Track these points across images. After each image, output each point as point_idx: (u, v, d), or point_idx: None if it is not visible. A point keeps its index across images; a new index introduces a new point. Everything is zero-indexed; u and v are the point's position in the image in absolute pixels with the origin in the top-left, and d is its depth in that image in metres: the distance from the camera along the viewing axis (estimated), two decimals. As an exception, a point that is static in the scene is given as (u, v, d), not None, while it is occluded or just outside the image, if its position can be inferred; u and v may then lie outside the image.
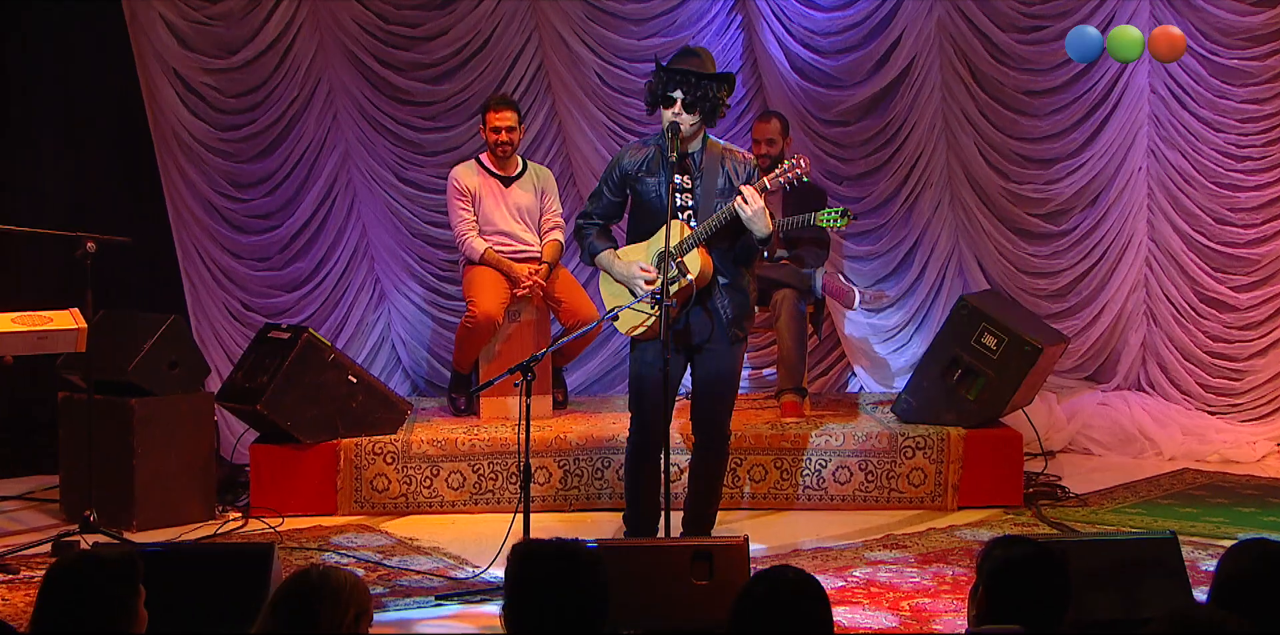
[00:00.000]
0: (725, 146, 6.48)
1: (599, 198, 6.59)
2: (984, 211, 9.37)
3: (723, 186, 6.36)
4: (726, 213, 6.21)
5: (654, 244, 6.37)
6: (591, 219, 6.61)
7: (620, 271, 6.46)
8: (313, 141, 9.08)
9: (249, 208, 9.09)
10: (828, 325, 9.34)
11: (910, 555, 6.80)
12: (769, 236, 6.23)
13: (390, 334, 9.38)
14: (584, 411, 8.50)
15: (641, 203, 6.46)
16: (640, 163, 6.43)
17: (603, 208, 6.60)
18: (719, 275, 6.35)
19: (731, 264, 6.40)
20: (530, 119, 9.09)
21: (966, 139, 9.30)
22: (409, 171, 9.22)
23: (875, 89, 9.32)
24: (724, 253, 6.38)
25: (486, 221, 8.33)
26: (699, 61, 6.33)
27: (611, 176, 6.52)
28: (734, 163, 6.42)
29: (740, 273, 6.44)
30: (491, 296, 8.12)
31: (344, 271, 9.22)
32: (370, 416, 7.80)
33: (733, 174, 6.39)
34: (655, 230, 6.36)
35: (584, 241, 6.61)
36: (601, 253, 6.54)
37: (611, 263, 6.50)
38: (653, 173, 6.39)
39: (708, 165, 6.39)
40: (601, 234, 6.61)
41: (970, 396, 7.79)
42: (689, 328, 6.38)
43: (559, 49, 9.19)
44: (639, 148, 6.50)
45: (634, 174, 6.44)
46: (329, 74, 9.06)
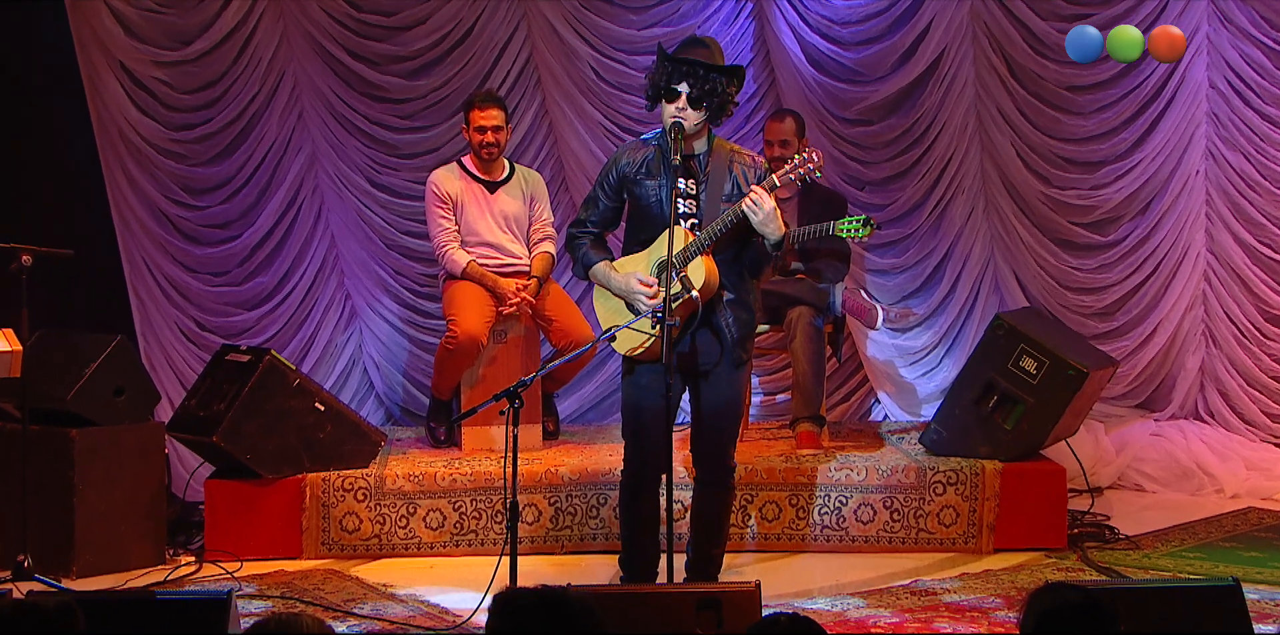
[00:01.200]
0: (733, 148, 6.46)
1: (594, 203, 6.57)
2: (1022, 220, 9.36)
3: (730, 192, 6.34)
4: (733, 215, 6.18)
5: (654, 253, 6.35)
6: (585, 227, 6.59)
7: (618, 285, 6.44)
8: (276, 142, 9.08)
9: (204, 216, 9.08)
10: (848, 346, 9.31)
11: (941, 603, 6.77)
12: (782, 240, 6.21)
13: (362, 356, 9.36)
14: (577, 442, 8.48)
15: (640, 208, 6.44)
16: (639, 164, 6.41)
17: (598, 215, 6.57)
18: (724, 289, 6.33)
19: (737, 276, 6.38)
20: (518, 118, 9.08)
21: (1003, 139, 9.29)
22: (383, 176, 9.22)
23: (901, 84, 9.31)
24: (729, 263, 6.35)
25: (469, 231, 8.32)
26: (708, 52, 6.31)
27: (607, 179, 6.51)
28: (743, 166, 6.40)
29: (746, 286, 6.43)
30: (475, 315, 8.10)
31: (310, 287, 9.21)
32: (339, 448, 7.77)
33: (741, 179, 6.37)
34: (655, 238, 6.35)
35: (577, 253, 6.58)
36: (597, 265, 6.52)
37: (608, 276, 6.48)
38: (653, 175, 6.37)
39: (714, 168, 6.37)
40: (596, 244, 6.58)
41: (1007, 426, 7.77)
42: (694, 349, 6.36)
43: (550, 40, 9.19)
44: (637, 147, 6.48)
45: (632, 176, 6.42)
46: (294, 67, 9.06)
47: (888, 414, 9.48)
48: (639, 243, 6.47)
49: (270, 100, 9.04)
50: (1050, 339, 7.89)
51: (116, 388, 7.52)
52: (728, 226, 6.21)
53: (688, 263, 6.24)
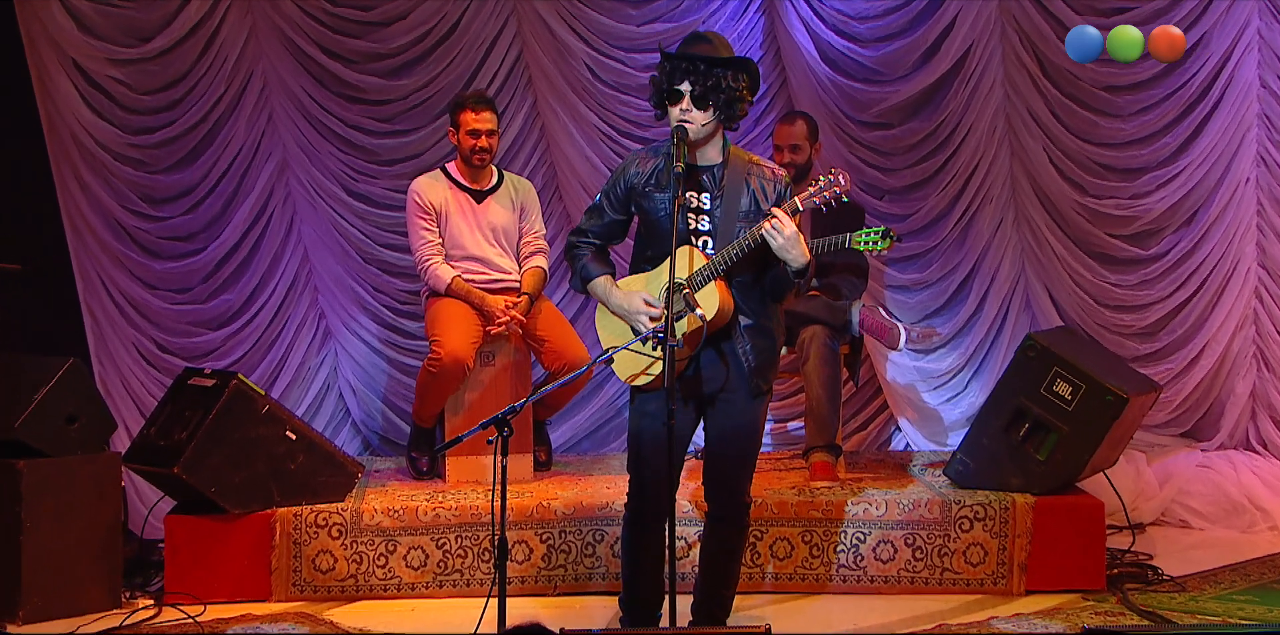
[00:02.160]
0: (752, 159, 6.43)
1: (598, 213, 6.52)
2: (1056, 232, 9.36)
3: (747, 208, 6.30)
4: (750, 239, 6.15)
5: (664, 273, 6.27)
6: (587, 237, 6.55)
7: (619, 303, 6.40)
8: (243, 148, 9.08)
9: (165, 228, 9.08)
10: (866, 369, 9.32)
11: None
12: (806, 267, 6.18)
13: (337, 380, 9.36)
14: (572, 474, 8.47)
15: (651, 224, 6.39)
16: (649, 175, 6.36)
17: (601, 226, 6.52)
18: (740, 314, 6.30)
19: (757, 301, 6.35)
20: (507, 120, 9.09)
21: (1034, 144, 9.29)
22: (360, 184, 9.22)
23: (923, 84, 9.33)
24: (748, 287, 6.32)
25: (454, 244, 8.32)
26: (710, 47, 6.28)
27: (615, 190, 6.46)
28: (762, 180, 6.35)
29: (767, 312, 6.39)
30: (460, 335, 8.10)
31: (281, 305, 9.21)
32: (313, 480, 7.76)
33: (759, 194, 6.32)
34: (662, 257, 6.29)
35: (576, 263, 6.54)
36: (597, 279, 6.48)
37: (609, 292, 6.44)
38: (663, 187, 6.32)
39: (730, 181, 6.31)
40: (598, 256, 6.54)
41: (1040, 456, 7.76)
42: (700, 375, 6.34)
43: (542, 36, 9.20)
44: (647, 157, 6.43)
45: (641, 188, 6.37)
46: (263, 66, 9.06)
47: (909, 443, 9.47)
48: (647, 260, 6.43)
49: (237, 102, 9.04)
50: (1087, 361, 7.87)
51: (68, 415, 7.50)
52: (744, 251, 6.16)
53: (699, 287, 6.20)
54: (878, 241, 6.67)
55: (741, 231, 6.22)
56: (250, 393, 7.72)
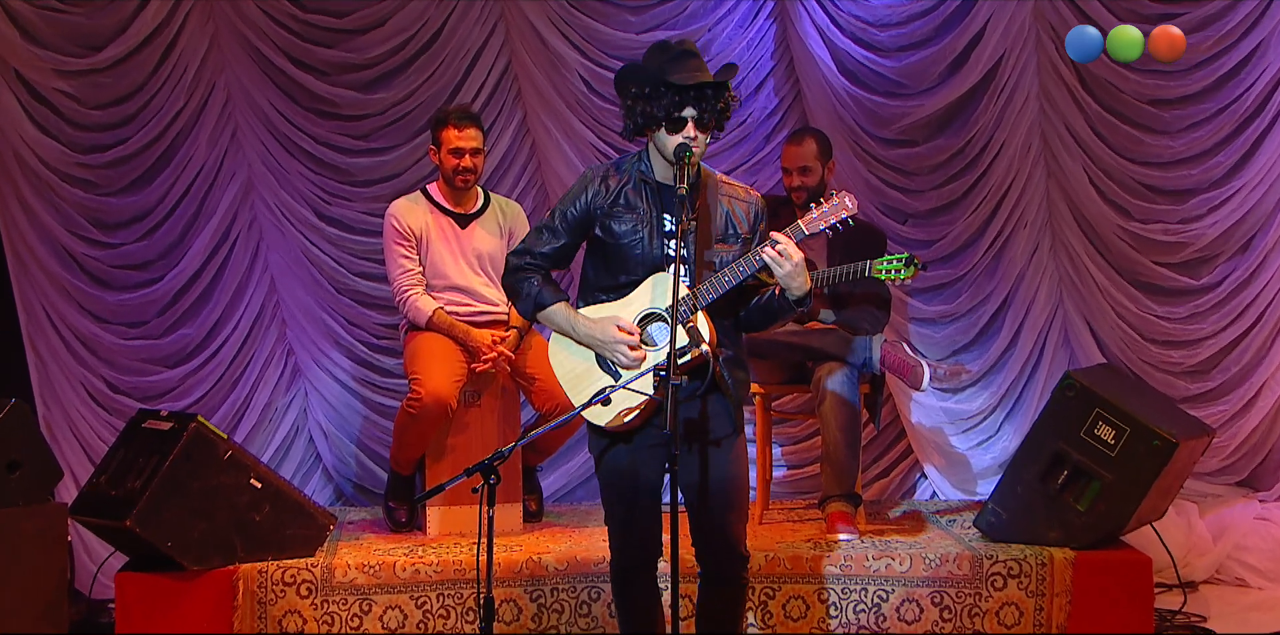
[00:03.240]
0: (723, 179, 6.42)
1: (547, 234, 6.39)
2: (1096, 260, 9.37)
3: (724, 232, 6.28)
4: (748, 264, 6.14)
5: (634, 304, 6.25)
6: (534, 258, 6.45)
7: (587, 332, 6.31)
8: (204, 167, 9.10)
9: (118, 255, 9.09)
10: (888, 411, 9.33)
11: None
12: (807, 295, 6.17)
13: (307, 423, 9.36)
14: (565, 525, 8.47)
15: (611, 247, 6.30)
16: (614, 194, 6.32)
17: (552, 248, 6.43)
18: (720, 346, 6.28)
19: (732, 330, 6.34)
20: (494, 137, 9.12)
21: (1073, 163, 9.31)
22: (333, 207, 9.24)
23: (950, 98, 9.35)
24: (722, 317, 6.27)
25: (436, 273, 8.33)
26: (701, 63, 6.26)
27: (573, 208, 6.37)
28: (735, 200, 6.35)
29: (741, 342, 6.40)
30: (443, 373, 8.10)
31: (245, 340, 9.22)
32: (279, 533, 7.74)
33: (735, 216, 6.31)
34: (632, 285, 6.26)
35: (524, 287, 6.41)
36: (554, 305, 6.38)
37: (572, 321, 6.34)
38: (632, 208, 6.27)
39: (705, 202, 6.31)
40: (548, 281, 6.45)
41: (1081, 507, 7.75)
42: (707, 414, 6.30)
43: (532, 45, 9.23)
44: (610, 174, 6.36)
45: (605, 208, 6.30)
46: (226, 78, 9.09)
47: (936, 491, 9.47)
48: (606, 290, 6.33)
49: (198, 117, 9.07)
50: (1132, 402, 7.86)
51: (9, 462, 7.48)
52: (739, 277, 6.15)
53: (685, 316, 6.15)
54: (900, 270, 6.68)
55: (720, 259, 6.21)
56: (211, 437, 7.70)
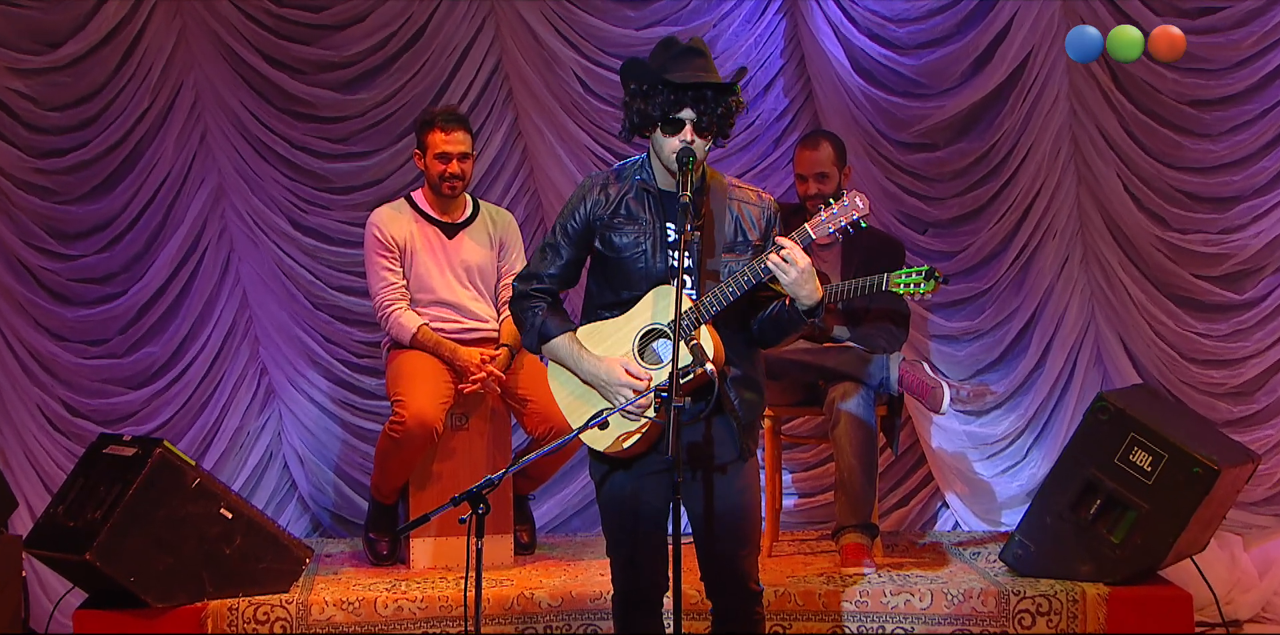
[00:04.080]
0: (732, 182, 6.39)
1: (552, 253, 6.38)
2: (1131, 272, 9.36)
3: (732, 240, 6.25)
4: (752, 273, 6.11)
5: (636, 320, 6.23)
6: (542, 283, 6.42)
7: (592, 371, 6.27)
8: (171, 173, 9.10)
9: (77, 268, 9.09)
10: (907, 435, 9.33)
11: None
12: (818, 305, 6.15)
13: (282, 448, 9.35)
14: (559, 558, 8.47)
15: (613, 262, 6.29)
16: (614, 203, 6.30)
17: (558, 267, 6.41)
18: (728, 364, 6.25)
19: (743, 346, 6.30)
20: (484, 141, 9.11)
21: (1106, 168, 9.30)
22: (310, 216, 9.24)
23: (974, 98, 9.36)
24: (732, 332, 6.24)
25: (422, 287, 8.33)
26: (706, 62, 6.24)
27: (573, 220, 6.36)
28: (745, 205, 6.32)
29: (752, 359, 6.35)
30: (428, 394, 8.09)
31: (215, 359, 9.22)
32: (252, 567, 7.73)
33: (746, 222, 6.28)
34: (635, 301, 6.25)
35: (530, 318, 6.39)
36: (559, 339, 6.34)
37: (577, 357, 6.31)
38: (634, 218, 6.26)
39: (711, 207, 6.29)
40: (555, 311, 6.42)
41: (1115, 539, 7.74)
42: (710, 438, 6.28)
43: (524, 42, 9.23)
44: (610, 181, 6.34)
45: (606, 218, 6.29)
46: (195, 76, 9.09)
47: (959, 522, 9.46)
48: (609, 307, 6.32)
49: (164, 118, 9.07)
50: (1170, 426, 7.86)
51: (-39, 490, 7.50)
52: (744, 288, 6.12)
53: (689, 330, 6.13)
54: (920, 283, 6.66)
55: (728, 266, 6.19)
56: (178, 463, 7.69)
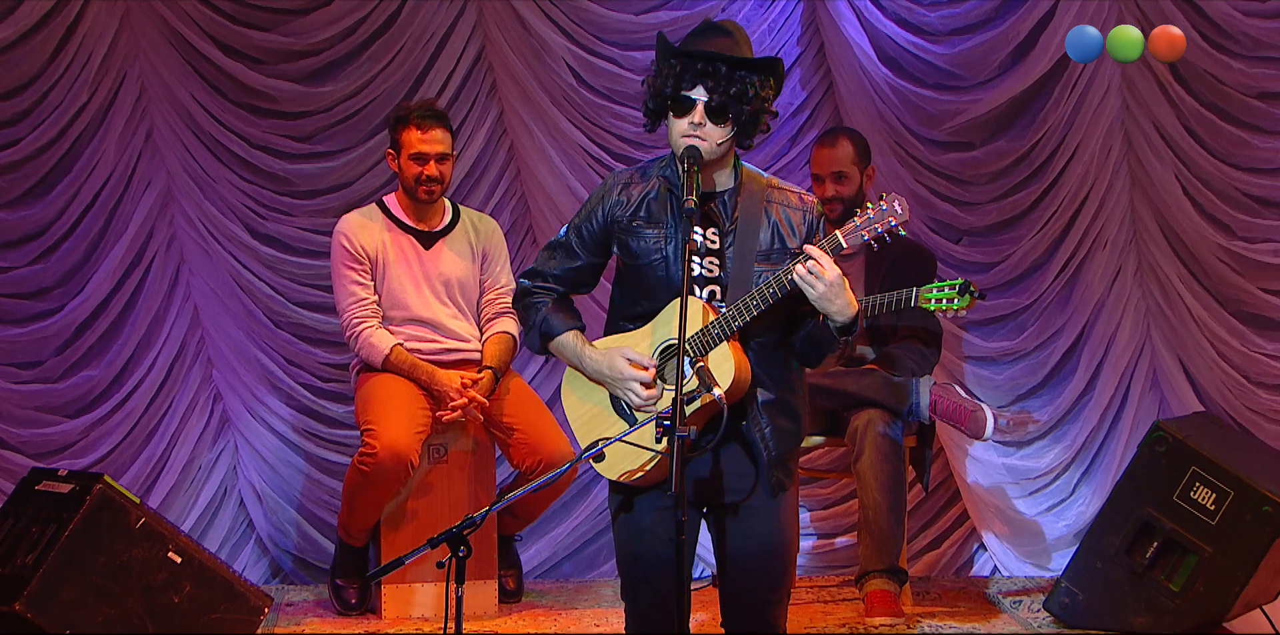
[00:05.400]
0: (771, 182, 6.37)
1: (562, 251, 6.38)
2: (1192, 286, 9.35)
3: (768, 246, 6.23)
4: (776, 286, 6.09)
5: (657, 332, 6.21)
6: (544, 281, 6.41)
7: (595, 366, 6.26)
8: (114, 175, 9.09)
9: (7, 281, 9.10)
10: (939, 468, 9.33)
11: None
12: (853, 322, 6.11)
13: (237, 483, 9.34)
14: (549, 606, 8.49)
15: (635, 269, 6.29)
16: (635, 204, 6.29)
17: (568, 269, 6.39)
18: (759, 386, 6.22)
19: (779, 368, 6.25)
20: (465, 139, 9.12)
21: (1163, 170, 9.29)
22: (270, 223, 9.24)
23: (1014, 91, 9.37)
24: (769, 350, 6.22)
25: (395, 303, 8.33)
26: (730, 42, 6.24)
27: (590, 222, 6.35)
28: (786, 208, 6.30)
29: (790, 381, 6.30)
30: (402, 423, 8.08)
31: (163, 383, 9.21)
32: (203, 618, 7.70)
33: (785, 227, 6.25)
34: (659, 312, 6.24)
35: (533, 314, 6.38)
36: (563, 335, 6.32)
37: (581, 353, 6.29)
38: (655, 221, 6.24)
39: (745, 212, 6.24)
40: (561, 305, 6.40)
41: (1174, 586, 7.73)
42: (719, 471, 6.26)
43: (511, 29, 9.24)
44: (634, 180, 6.35)
45: (625, 221, 6.28)
46: (140, 66, 9.09)
47: (998, 566, 9.44)
48: (632, 318, 6.32)
49: (105, 114, 9.07)
50: (1235, 459, 7.84)
51: (-126, 533, 7.49)
52: (768, 301, 6.09)
53: (708, 349, 6.13)
54: (954, 299, 6.65)
55: (762, 277, 6.16)
56: (120, 501, 7.66)
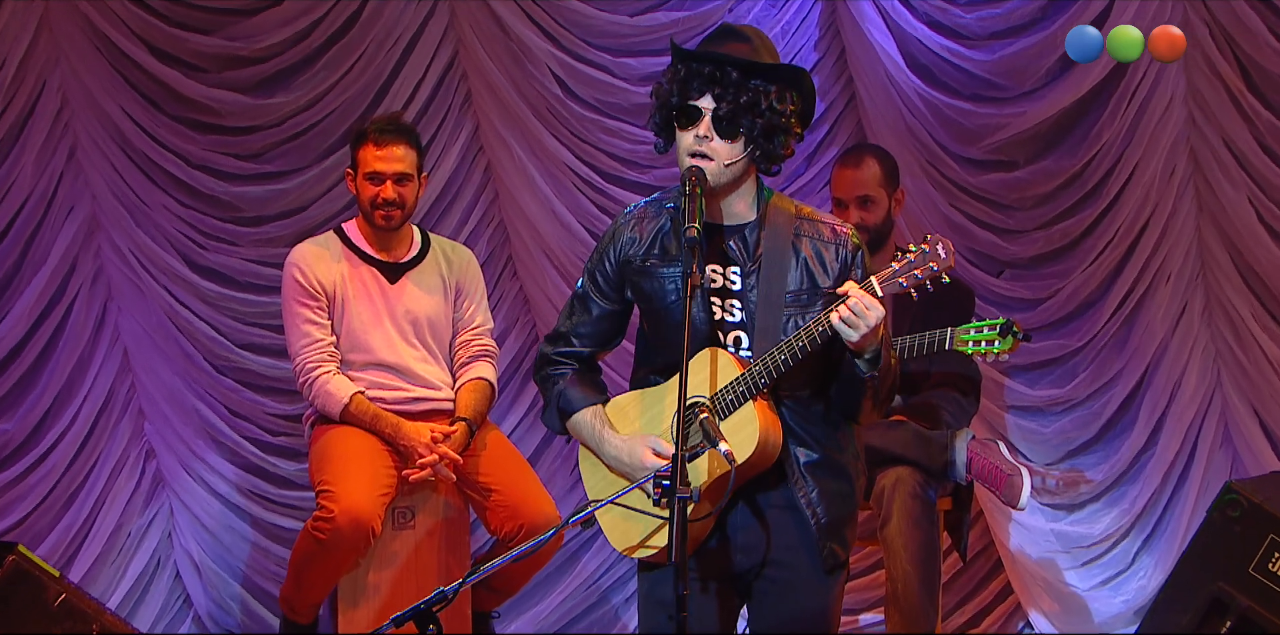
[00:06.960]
0: (800, 211, 6.30)
1: (582, 305, 6.33)
2: (1268, 325, 9.33)
3: (798, 287, 6.14)
4: (810, 336, 6.01)
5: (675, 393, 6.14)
6: (570, 345, 6.35)
7: (614, 454, 6.18)
8: (30, 199, 9.07)
9: (-91, 322, 9.07)
10: (979, 535, 9.32)
11: None
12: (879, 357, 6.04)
13: (172, 553, 9.33)
14: (533, 696, 8.41)
15: (651, 312, 6.22)
16: (649, 241, 6.21)
17: (592, 324, 6.35)
18: (801, 446, 6.15)
19: (821, 423, 6.19)
20: (435, 158, 9.10)
21: (1235, 193, 9.27)
22: (211, 254, 9.24)
23: (1062, 103, 9.38)
24: (807, 404, 6.18)
25: (356, 345, 8.28)
26: (748, 48, 6.19)
27: (604, 266, 6.28)
28: (818, 242, 6.23)
29: (838, 439, 6.21)
30: (363, 483, 8.01)
31: (87, 438, 9.19)
32: (133, 707, 7.69)
33: (815, 264, 6.17)
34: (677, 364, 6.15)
35: (550, 388, 6.36)
36: (582, 412, 6.29)
37: (600, 436, 6.24)
38: (671, 259, 6.20)
39: (770, 247, 6.17)
40: (583, 377, 6.34)
41: (1252, 671, 7.71)
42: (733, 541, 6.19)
43: (487, 32, 9.26)
44: (646, 215, 6.27)
45: (638, 261, 6.24)
46: (61, 74, 9.09)
47: (1046, 647, 9.40)
48: (656, 369, 6.28)
49: (21, 129, 9.07)
50: (1321, 525, 7.83)
51: None
52: (797, 357, 6.01)
53: (729, 412, 6.06)
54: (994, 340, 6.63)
55: (791, 322, 6.10)
56: (36, 574, 7.65)
